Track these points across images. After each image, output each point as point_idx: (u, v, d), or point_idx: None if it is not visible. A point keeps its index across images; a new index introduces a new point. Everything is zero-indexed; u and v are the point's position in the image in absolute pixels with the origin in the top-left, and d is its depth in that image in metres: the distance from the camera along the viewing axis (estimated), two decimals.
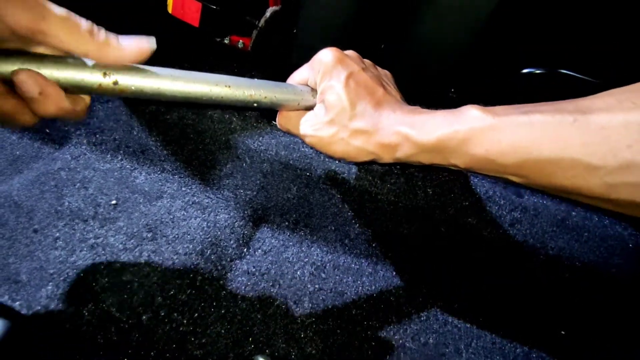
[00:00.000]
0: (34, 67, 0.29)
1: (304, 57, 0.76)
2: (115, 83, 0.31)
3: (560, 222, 0.69)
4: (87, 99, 0.34)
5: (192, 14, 0.73)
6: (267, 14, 0.80)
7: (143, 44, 0.31)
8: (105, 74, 0.31)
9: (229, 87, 0.37)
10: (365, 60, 0.44)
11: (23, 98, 0.30)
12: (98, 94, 0.32)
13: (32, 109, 0.31)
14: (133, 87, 0.32)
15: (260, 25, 0.76)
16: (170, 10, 0.75)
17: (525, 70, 0.68)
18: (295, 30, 0.73)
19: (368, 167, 0.67)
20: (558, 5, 0.67)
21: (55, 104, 0.31)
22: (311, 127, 0.40)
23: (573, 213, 0.71)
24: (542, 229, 0.68)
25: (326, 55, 0.40)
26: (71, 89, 0.31)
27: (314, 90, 0.42)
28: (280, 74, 0.80)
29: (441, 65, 0.69)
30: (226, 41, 0.88)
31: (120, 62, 0.31)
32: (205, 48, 0.82)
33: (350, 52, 0.42)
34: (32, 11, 0.27)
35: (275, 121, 0.69)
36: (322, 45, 0.72)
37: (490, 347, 0.61)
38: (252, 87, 0.38)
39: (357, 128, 0.37)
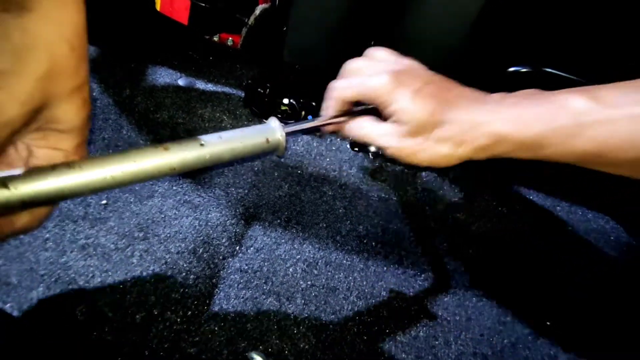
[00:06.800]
0: None
1: (294, 54, 0.76)
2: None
3: (545, 216, 0.71)
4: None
5: (181, 11, 0.72)
6: (257, 11, 0.80)
7: None
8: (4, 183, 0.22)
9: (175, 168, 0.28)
10: (395, 54, 0.41)
11: None
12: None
13: None
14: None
15: (250, 23, 0.76)
16: (158, 7, 0.74)
17: (511, 69, 0.69)
18: (285, 28, 0.73)
19: (359, 164, 0.67)
20: (543, 5, 0.69)
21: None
22: (392, 138, 0.37)
23: (558, 208, 0.73)
24: (528, 224, 0.70)
25: (379, 82, 0.36)
26: None
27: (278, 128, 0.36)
28: (270, 72, 0.80)
29: (429, 63, 0.70)
30: (215, 39, 0.88)
31: None
32: (194, 46, 0.82)
33: (382, 55, 0.39)
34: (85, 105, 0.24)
35: (265, 120, 0.69)
36: (312, 43, 0.72)
37: (478, 339, 0.63)
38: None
39: (440, 136, 0.35)
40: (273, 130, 0.35)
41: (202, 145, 0.30)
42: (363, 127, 0.39)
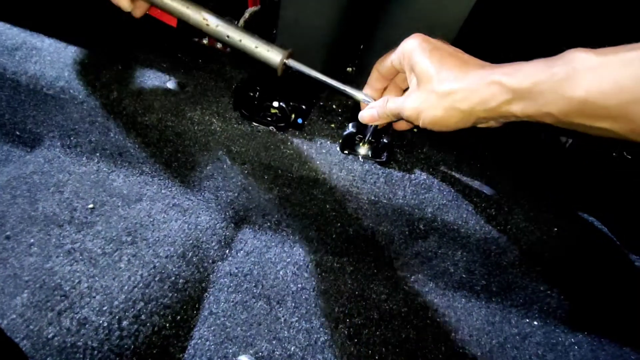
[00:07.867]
0: None
1: None
2: None
3: (532, 218, 0.72)
4: None
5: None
6: (246, 14, 0.80)
7: None
8: None
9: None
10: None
11: None
12: None
13: None
14: None
15: (239, 25, 0.76)
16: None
17: None
18: (274, 31, 0.74)
19: (349, 167, 0.68)
20: (527, 13, 0.70)
21: None
22: (406, 99, 0.42)
23: (546, 209, 0.74)
24: (516, 226, 0.71)
25: (411, 40, 0.42)
26: None
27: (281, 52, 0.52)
28: (260, 74, 0.79)
29: None
30: (204, 42, 0.88)
31: None
32: (183, 48, 0.82)
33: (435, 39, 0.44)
34: None
35: (255, 122, 0.69)
36: (301, 46, 0.72)
37: (467, 340, 0.64)
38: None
39: (444, 90, 0.38)
40: (276, 58, 0.52)
41: (217, 27, 0.52)
42: (389, 100, 0.46)
